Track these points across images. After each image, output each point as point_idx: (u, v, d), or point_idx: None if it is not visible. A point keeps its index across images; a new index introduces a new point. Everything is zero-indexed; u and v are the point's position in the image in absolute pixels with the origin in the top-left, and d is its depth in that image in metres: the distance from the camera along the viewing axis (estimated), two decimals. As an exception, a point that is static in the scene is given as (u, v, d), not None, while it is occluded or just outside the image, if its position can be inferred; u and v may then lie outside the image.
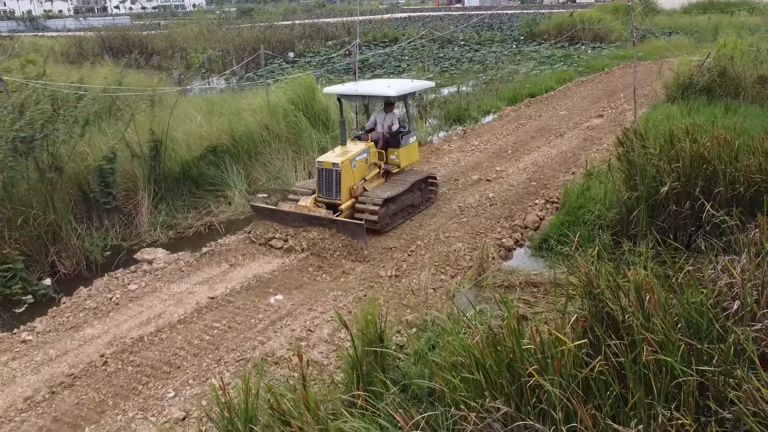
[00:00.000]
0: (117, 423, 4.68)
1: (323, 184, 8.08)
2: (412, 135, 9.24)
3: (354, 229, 7.48)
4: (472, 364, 3.06)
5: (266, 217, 8.15)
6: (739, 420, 3.07)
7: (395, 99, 8.85)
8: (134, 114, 9.07)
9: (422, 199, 9.05)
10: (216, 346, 5.63)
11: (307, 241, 7.62)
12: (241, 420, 3.54)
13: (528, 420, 2.81)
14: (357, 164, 8.20)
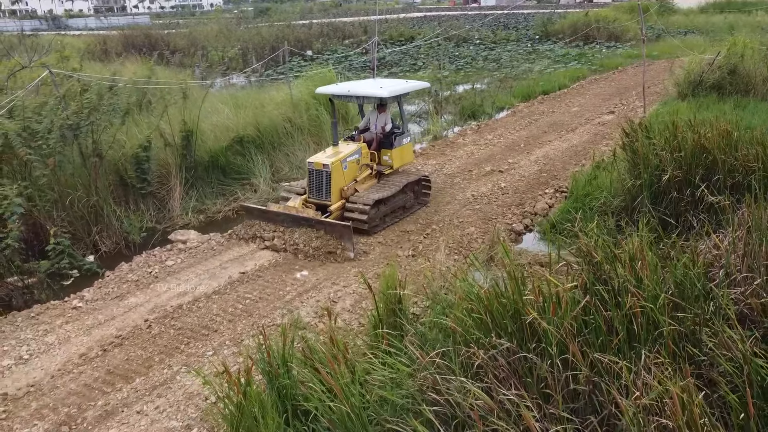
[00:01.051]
0: (164, 375, 5.25)
1: (314, 185, 8.04)
2: (406, 136, 9.15)
3: (341, 230, 7.42)
4: (480, 308, 3.56)
5: (256, 217, 8.10)
6: (713, 362, 3.53)
7: (387, 100, 8.67)
8: (168, 105, 9.66)
9: (415, 200, 8.98)
10: (249, 313, 6.18)
11: (293, 240, 7.62)
12: (278, 362, 4.07)
13: (527, 354, 3.30)
14: (348, 165, 8.14)
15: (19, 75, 11.64)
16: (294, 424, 3.95)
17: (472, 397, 3.25)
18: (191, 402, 4.89)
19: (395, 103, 9.29)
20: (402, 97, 9.15)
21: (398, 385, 3.65)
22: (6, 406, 4.92)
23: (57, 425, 4.68)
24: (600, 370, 3.30)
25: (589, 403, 3.29)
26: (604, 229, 5.64)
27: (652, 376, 3.17)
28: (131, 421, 4.71)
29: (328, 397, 3.70)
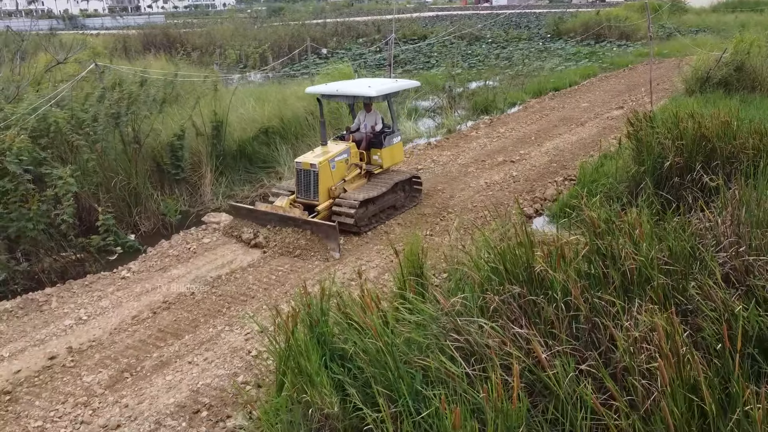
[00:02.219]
0: (209, 333, 5.87)
1: (302, 185, 8.03)
2: (396, 135, 9.15)
3: (327, 230, 7.44)
4: (496, 259, 4.13)
5: (244, 216, 8.16)
6: (698, 309, 4.07)
7: (375, 99, 8.68)
8: (199, 98, 10.31)
9: (406, 199, 8.98)
10: (281, 283, 6.79)
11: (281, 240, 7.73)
12: (317, 313, 4.65)
13: (536, 298, 3.87)
14: (336, 165, 8.14)
15: (55, 69, 12.36)
16: (331, 366, 4.53)
17: (488, 336, 3.82)
18: (236, 355, 5.49)
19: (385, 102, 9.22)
20: (391, 96, 9.08)
21: (423, 328, 4.22)
22: (72, 356, 5.55)
23: (119, 372, 5.31)
24: (598, 312, 3.85)
25: (589, 340, 3.84)
26: (608, 205, 6.15)
27: (642, 317, 3.71)
28: (184, 369, 5.32)
29: (361, 340, 4.28)
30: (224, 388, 5.04)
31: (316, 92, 8.89)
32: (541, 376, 3.62)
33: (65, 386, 5.15)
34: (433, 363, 3.92)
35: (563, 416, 3.37)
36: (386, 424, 3.67)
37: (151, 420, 4.67)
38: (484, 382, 3.51)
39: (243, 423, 4.53)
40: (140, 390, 5.06)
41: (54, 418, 4.75)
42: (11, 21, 72.52)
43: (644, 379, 3.40)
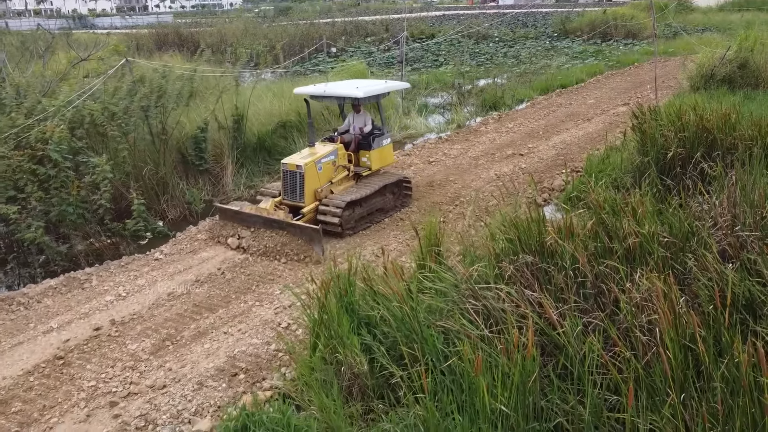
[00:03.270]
0: (241, 308, 6.32)
1: (287, 186, 7.96)
2: (386, 137, 9.01)
3: (310, 233, 7.33)
4: (510, 230, 4.56)
5: (229, 218, 8.06)
6: (694, 279, 4.47)
7: (363, 100, 8.55)
8: (222, 92, 10.76)
9: (395, 202, 8.90)
10: (306, 264, 7.22)
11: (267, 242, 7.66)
12: (345, 284, 5.09)
13: (546, 266, 4.29)
14: (323, 167, 8.03)
15: (78, 65, 12.85)
16: (358, 332, 4.96)
17: (503, 301, 4.24)
18: (267, 326, 5.94)
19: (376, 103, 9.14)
20: (380, 97, 8.97)
21: (443, 295, 4.65)
22: (116, 328, 6.01)
23: (161, 340, 5.76)
24: (604, 278, 4.27)
25: (595, 304, 4.26)
26: (613, 191, 6.56)
27: (643, 282, 4.13)
28: (220, 338, 5.77)
29: (386, 307, 4.71)
30: (258, 354, 5.48)
31: (303, 93, 8.75)
32: (551, 334, 4.05)
33: (112, 353, 5.61)
34: (454, 326, 4.35)
35: (572, 365, 3.78)
36: (413, 380, 4.11)
37: (194, 381, 5.12)
38: (500, 343, 3.93)
39: (278, 383, 4.96)
40: (182, 356, 5.51)
41: (105, 379, 5.21)
42: (21, 21, 73.39)
43: (645, 336, 3.82)
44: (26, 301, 6.59)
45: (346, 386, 4.60)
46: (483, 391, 3.41)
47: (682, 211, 5.19)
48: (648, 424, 3.39)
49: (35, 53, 16.48)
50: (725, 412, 3.34)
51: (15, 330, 6.07)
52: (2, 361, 5.55)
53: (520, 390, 3.68)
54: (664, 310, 3.77)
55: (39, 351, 5.68)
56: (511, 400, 3.66)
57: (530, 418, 3.76)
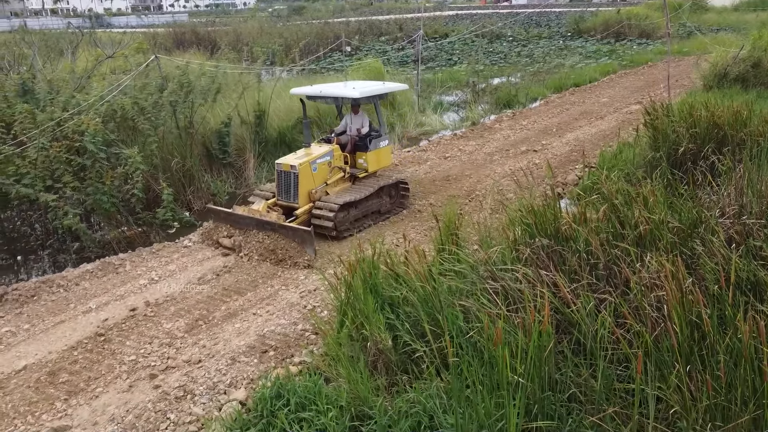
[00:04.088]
0: (268, 291, 6.65)
1: (282, 187, 7.89)
2: (384, 139, 8.93)
3: (302, 235, 7.21)
4: (528, 215, 4.84)
5: (221, 219, 7.99)
6: (701, 263, 4.73)
7: (359, 101, 8.47)
8: (245, 89, 11.12)
9: (392, 204, 8.79)
10: (330, 253, 7.54)
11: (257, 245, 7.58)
12: (369, 268, 5.39)
13: (561, 249, 4.56)
14: (318, 167, 7.95)
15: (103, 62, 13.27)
16: (382, 312, 5.26)
17: (519, 282, 4.52)
18: (294, 308, 6.26)
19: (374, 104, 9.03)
20: (378, 98, 8.86)
21: (463, 276, 4.94)
22: (151, 308, 6.37)
23: (194, 320, 6.11)
24: (615, 261, 4.54)
25: (606, 285, 4.53)
26: (625, 183, 6.81)
27: (653, 264, 4.39)
28: (250, 319, 6.10)
29: (409, 288, 5.01)
30: (286, 333, 5.80)
31: (300, 94, 8.73)
32: (566, 312, 4.32)
33: (149, 331, 5.96)
34: (473, 304, 4.64)
35: (585, 339, 4.06)
36: (434, 355, 4.42)
37: (227, 357, 5.45)
38: (518, 320, 4.21)
39: (306, 359, 5.28)
40: (214, 335, 5.85)
41: (144, 354, 5.55)
42: (39, 20, 74.50)
43: (654, 313, 4.08)
44: (65, 283, 6.97)
45: (371, 361, 4.90)
46: (505, 357, 3.69)
47: (691, 200, 5.43)
48: (655, 392, 3.66)
49: (60, 51, 16.98)
50: (728, 381, 3.60)
51: (56, 310, 6.45)
52: (47, 338, 5.92)
53: (536, 362, 3.96)
54: (672, 288, 4.03)
55: (80, 329, 6.05)
56: (528, 371, 3.94)
57: (545, 388, 4.04)
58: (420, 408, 4.21)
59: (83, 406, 4.90)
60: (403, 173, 9.95)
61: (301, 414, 4.30)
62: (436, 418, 4.10)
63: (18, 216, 8.76)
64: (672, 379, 3.68)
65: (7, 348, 5.77)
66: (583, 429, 3.84)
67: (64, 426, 4.65)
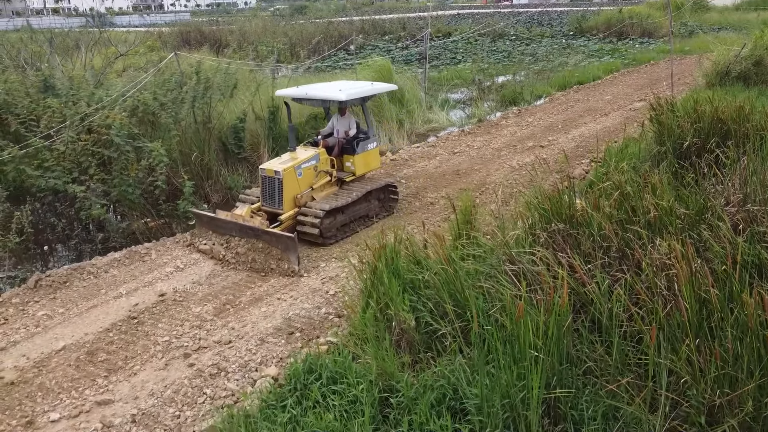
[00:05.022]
0: (290, 278, 6.92)
1: (266, 193, 7.70)
2: (372, 141, 8.72)
3: (286, 242, 6.99)
4: (543, 201, 5.12)
5: (205, 224, 7.84)
6: (706, 243, 5.00)
7: (346, 103, 8.25)
8: (259, 86, 11.40)
9: (380, 208, 8.65)
10: (353, 242, 7.82)
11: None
12: (392, 253, 5.67)
13: (575, 232, 4.84)
14: (303, 172, 7.76)
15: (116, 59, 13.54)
16: (404, 295, 5.54)
17: (536, 264, 4.80)
18: (316, 293, 6.54)
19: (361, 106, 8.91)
20: (365, 100, 8.65)
21: (482, 260, 5.22)
22: (179, 294, 6.65)
23: (221, 305, 6.39)
24: (627, 244, 4.81)
25: (619, 267, 4.80)
26: (633, 172, 7.09)
27: (663, 246, 4.67)
28: (275, 303, 6.38)
29: (430, 272, 5.29)
30: (311, 317, 6.08)
31: (286, 95, 8.51)
32: (581, 292, 4.60)
33: (179, 314, 6.24)
34: (493, 286, 4.92)
35: (600, 316, 4.33)
36: (456, 334, 4.69)
37: (256, 338, 5.73)
38: (536, 299, 4.48)
39: (332, 339, 5.55)
40: (242, 318, 6.13)
41: (176, 336, 5.83)
42: (41, 19, 74.77)
43: (664, 292, 4.36)
44: (95, 271, 7.25)
45: (395, 340, 5.18)
46: (528, 329, 3.97)
47: (697, 189, 5.71)
48: (668, 362, 3.93)
49: (66, 48, 17.24)
50: (734, 352, 3.87)
51: (88, 295, 6.73)
52: (82, 321, 6.20)
53: (555, 338, 4.23)
54: (683, 268, 4.31)
55: (112, 313, 6.33)
56: (549, 346, 4.21)
57: (563, 362, 4.32)
58: (444, 381, 4.49)
59: (123, 382, 5.18)
60: (402, 171, 10.16)
61: (332, 387, 4.58)
62: (460, 389, 4.38)
63: (41, 208, 9.03)
64: (683, 351, 3.95)
65: (45, 330, 6.05)
66: (599, 398, 4.12)
67: (107, 400, 4.93)
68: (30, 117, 8.38)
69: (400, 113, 13.54)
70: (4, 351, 5.71)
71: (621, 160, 9.78)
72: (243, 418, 4.32)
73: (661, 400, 3.91)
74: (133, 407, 4.84)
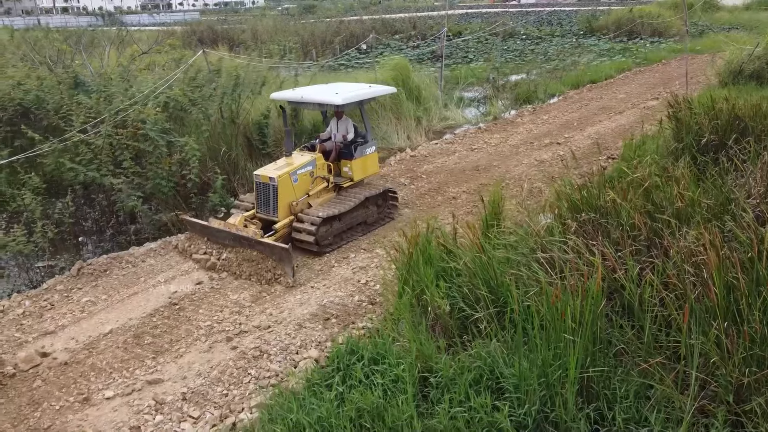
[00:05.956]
0: (322, 267, 7.19)
1: (261, 199, 7.52)
2: (370, 145, 8.49)
3: (280, 253, 6.78)
4: (574, 193, 5.33)
5: (198, 232, 7.70)
6: (731, 232, 5.21)
7: (342, 108, 8.06)
8: (282, 83, 11.65)
9: (379, 215, 8.41)
10: (384, 235, 8.06)
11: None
12: (424, 241, 5.90)
13: (605, 221, 5.05)
14: (299, 178, 7.56)
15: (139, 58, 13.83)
16: (438, 282, 5.77)
17: (566, 252, 5.01)
18: (348, 282, 6.79)
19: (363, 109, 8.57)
20: (363, 103, 8.37)
21: (513, 249, 5.44)
22: (215, 282, 6.91)
23: (257, 292, 6.64)
24: (656, 233, 5.02)
25: (648, 254, 5.01)
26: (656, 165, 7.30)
27: (690, 235, 4.88)
28: (309, 291, 6.63)
29: (462, 261, 5.51)
30: (345, 304, 6.32)
31: (281, 99, 8.31)
32: (610, 278, 4.81)
33: (217, 301, 6.49)
34: (526, 272, 5.14)
35: (631, 300, 4.55)
36: (490, 320, 4.91)
37: (294, 323, 5.98)
38: (568, 286, 4.70)
39: (368, 325, 5.79)
40: (279, 304, 6.38)
41: (217, 321, 6.09)
42: (51, 18, 75.19)
43: (692, 278, 4.57)
44: (133, 260, 7.52)
45: (430, 325, 5.41)
46: (566, 312, 4.19)
47: (722, 180, 5.91)
48: (699, 341, 4.15)
49: (92, 46, 17.55)
50: (762, 333, 4.08)
51: (129, 283, 7.00)
52: (124, 307, 6.46)
53: (588, 322, 4.45)
54: (712, 254, 4.52)
55: (153, 299, 6.59)
56: (585, 329, 4.42)
57: (596, 344, 4.53)
58: (481, 363, 4.71)
59: (170, 363, 5.44)
60: (423, 167, 10.40)
61: (374, 367, 4.82)
62: (496, 369, 4.60)
63: (73, 201, 9.30)
64: (711, 333, 4.16)
65: (90, 315, 6.31)
66: (631, 378, 4.34)
67: (157, 379, 5.19)
68: (62, 112, 8.65)
69: (417, 111, 13.76)
70: (53, 334, 5.98)
71: (642, 156, 10.01)
72: (291, 395, 4.55)
73: (692, 380, 4.13)
74: (182, 386, 5.09)
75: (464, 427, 4.18)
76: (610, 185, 7.23)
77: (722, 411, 3.95)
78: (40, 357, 5.53)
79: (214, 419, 4.68)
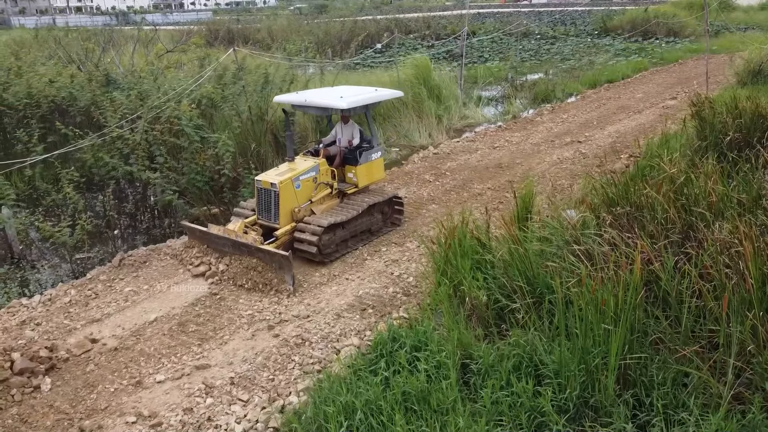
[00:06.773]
0: (356, 261, 7.37)
1: (262, 206, 7.33)
2: (376, 151, 8.23)
3: (280, 261, 6.60)
4: (609, 187, 5.48)
5: (197, 238, 7.49)
6: (764, 225, 5.33)
7: (347, 112, 7.79)
8: (308, 81, 11.86)
9: (384, 222, 8.19)
10: (427, 224, 8.26)
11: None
12: (461, 234, 6.07)
13: (640, 215, 5.20)
14: (301, 184, 7.35)
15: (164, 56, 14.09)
16: (475, 274, 5.93)
17: (601, 245, 5.16)
18: (381, 275, 6.97)
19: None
20: (369, 108, 8.10)
21: (548, 242, 5.60)
22: (252, 269, 7.10)
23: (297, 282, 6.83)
24: (690, 226, 5.16)
25: (682, 247, 5.15)
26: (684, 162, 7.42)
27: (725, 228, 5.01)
28: (344, 283, 6.82)
29: (495, 252, 5.68)
30: (380, 295, 6.50)
31: (284, 102, 8.09)
32: (646, 270, 4.95)
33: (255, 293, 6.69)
34: (561, 264, 5.30)
35: (669, 288, 4.69)
36: (527, 310, 5.07)
37: (332, 313, 6.16)
38: (605, 276, 4.84)
39: (405, 315, 5.96)
40: (316, 295, 6.57)
41: (258, 310, 6.29)
42: (67, 17, 75.90)
43: (727, 270, 4.71)
44: (171, 252, 7.74)
45: (467, 315, 5.58)
46: (608, 301, 4.34)
47: (752, 176, 6.04)
48: (738, 329, 4.28)
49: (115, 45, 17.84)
50: (798, 322, 4.22)
51: (169, 274, 7.21)
52: (166, 297, 6.68)
53: (626, 311, 4.59)
54: (747, 245, 4.65)
55: (194, 290, 6.80)
56: (620, 317, 4.57)
57: (633, 333, 4.68)
58: (520, 350, 4.88)
59: (215, 350, 5.64)
60: (446, 164, 10.53)
61: (416, 354, 4.99)
62: (535, 356, 4.76)
63: (105, 195, 9.56)
64: (747, 322, 4.30)
65: (134, 304, 6.54)
66: (668, 365, 4.49)
67: (204, 365, 5.39)
68: (101, 109, 8.90)
69: (438, 109, 13.94)
70: (99, 322, 6.21)
71: (668, 153, 10.12)
72: (338, 379, 4.74)
73: (729, 367, 4.27)
74: (229, 371, 5.29)
75: (507, 411, 4.35)
76: (643, 180, 7.40)
77: (758, 397, 4.08)
78: (91, 343, 5.75)
79: (263, 402, 4.88)
